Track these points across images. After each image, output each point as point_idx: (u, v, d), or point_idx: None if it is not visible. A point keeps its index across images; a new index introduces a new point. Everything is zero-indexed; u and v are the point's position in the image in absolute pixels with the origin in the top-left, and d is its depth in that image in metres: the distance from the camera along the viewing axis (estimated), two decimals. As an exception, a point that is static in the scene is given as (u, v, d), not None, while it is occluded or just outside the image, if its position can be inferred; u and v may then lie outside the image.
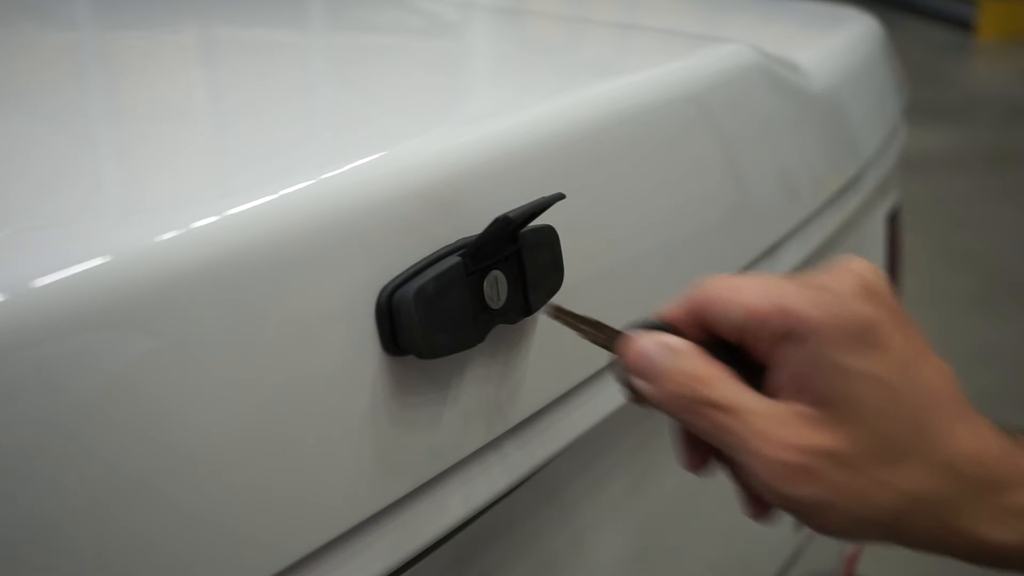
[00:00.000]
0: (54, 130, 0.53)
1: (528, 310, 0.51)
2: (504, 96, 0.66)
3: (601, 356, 0.49)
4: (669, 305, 0.49)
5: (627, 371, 0.48)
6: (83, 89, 0.62)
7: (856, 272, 0.47)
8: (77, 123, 0.55)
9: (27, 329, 0.34)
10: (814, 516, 0.45)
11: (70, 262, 0.36)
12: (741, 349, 0.47)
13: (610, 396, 0.60)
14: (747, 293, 0.47)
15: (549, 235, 0.52)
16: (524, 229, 0.50)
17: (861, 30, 1.12)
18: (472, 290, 0.48)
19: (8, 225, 0.40)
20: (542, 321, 0.52)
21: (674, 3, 1.26)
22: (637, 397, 0.48)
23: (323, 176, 0.44)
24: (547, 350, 0.55)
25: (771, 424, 0.44)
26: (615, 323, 0.50)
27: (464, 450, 0.50)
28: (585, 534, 0.66)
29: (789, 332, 0.45)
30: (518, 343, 0.53)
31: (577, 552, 0.66)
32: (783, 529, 0.99)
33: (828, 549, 1.16)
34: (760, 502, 0.48)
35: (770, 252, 0.78)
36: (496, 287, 0.49)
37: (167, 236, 0.38)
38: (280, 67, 0.68)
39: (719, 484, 0.51)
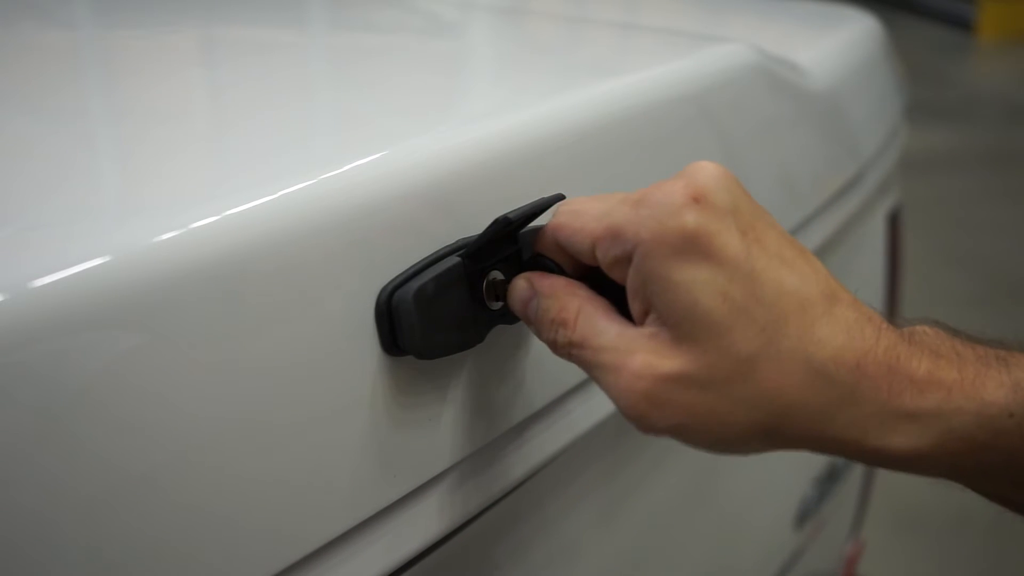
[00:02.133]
0: (54, 130, 0.53)
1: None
2: (504, 96, 0.66)
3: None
4: (541, 236, 0.47)
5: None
6: (83, 89, 0.62)
7: (689, 179, 0.43)
8: (77, 123, 0.55)
9: (27, 329, 0.34)
10: (680, 439, 0.43)
11: (70, 262, 0.36)
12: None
13: (610, 396, 0.60)
14: (586, 217, 0.45)
15: (549, 235, 0.52)
16: (524, 229, 0.50)
17: (861, 30, 1.12)
18: (472, 290, 0.48)
19: (8, 225, 0.40)
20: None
21: (674, 3, 1.26)
22: None
23: (323, 176, 0.44)
24: (546, 350, 0.54)
25: (621, 356, 0.42)
26: None
27: (463, 450, 0.50)
28: (585, 533, 0.66)
29: (623, 253, 0.43)
30: (518, 343, 0.53)
31: (577, 552, 0.66)
32: (783, 529, 0.99)
33: (828, 549, 1.16)
34: None
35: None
36: (496, 287, 0.49)
37: (166, 236, 0.38)
38: (280, 67, 0.68)
39: (720, 483, 0.51)
